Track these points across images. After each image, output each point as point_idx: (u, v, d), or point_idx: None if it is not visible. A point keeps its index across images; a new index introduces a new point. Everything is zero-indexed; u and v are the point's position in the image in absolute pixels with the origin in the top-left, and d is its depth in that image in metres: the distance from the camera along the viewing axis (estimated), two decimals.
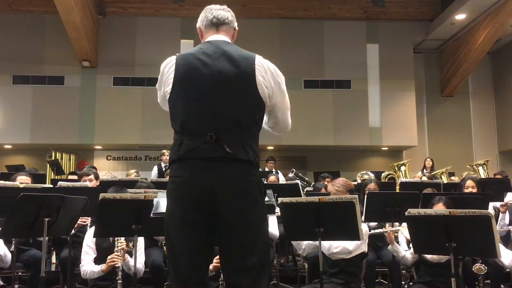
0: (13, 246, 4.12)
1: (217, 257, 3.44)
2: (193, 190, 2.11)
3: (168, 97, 2.23)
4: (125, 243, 3.61)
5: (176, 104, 2.20)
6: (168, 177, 2.36)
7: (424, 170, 10.20)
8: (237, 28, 2.38)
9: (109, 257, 3.60)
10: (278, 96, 2.27)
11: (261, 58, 2.24)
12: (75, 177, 8.08)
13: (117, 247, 3.62)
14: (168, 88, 2.21)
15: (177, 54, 2.29)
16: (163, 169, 8.80)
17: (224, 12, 2.32)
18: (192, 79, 2.16)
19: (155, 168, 9.40)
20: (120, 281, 3.47)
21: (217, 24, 2.31)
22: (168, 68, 2.25)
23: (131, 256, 3.60)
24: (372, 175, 8.78)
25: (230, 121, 2.13)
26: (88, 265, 3.70)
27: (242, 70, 2.16)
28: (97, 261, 3.73)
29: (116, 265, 3.56)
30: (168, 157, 9.74)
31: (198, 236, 2.12)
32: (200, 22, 2.36)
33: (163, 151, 9.88)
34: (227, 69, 2.15)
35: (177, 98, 2.19)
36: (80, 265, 3.77)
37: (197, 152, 2.10)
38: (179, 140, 2.16)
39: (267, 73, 2.21)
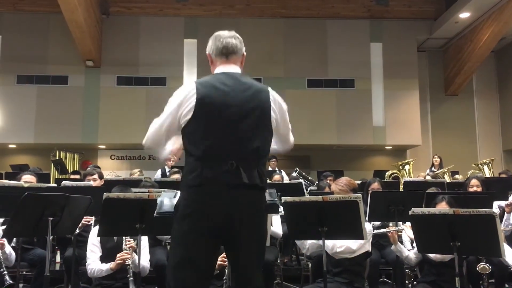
0: (14, 243, 4.13)
1: (222, 255, 3.44)
2: (211, 216, 2.22)
3: (185, 123, 2.29)
4: (134, 241, 3.61)
5: (198, 132, 2.27)
6: (172, 175, 2.44)
7: (433, 168, 10.17)
8: (245, 53, 2.48)
9: (118, 255, 3.60)
10: (281, 124, 2.45)
11: (271, 90, 2.42)
12: (78, 176, 8.12)
13: (126, 245, 3.64)
14: (188, 117, 2.27)
15: (195, 81, 2.34)
16: (167, 174, 8.77)
17: (233, 40, 2.42)
18: (215, 109, 2.26)
19: (159, 171, 9.38)
20: (131, 279, 3.47)
21: (226, 54, 2.41)
22: (189, 96, 2.29)
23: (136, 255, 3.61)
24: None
25: (250, 150, 2.28)
26: (95, 264, 3.71)
27: (259, 103, 2.33)
28: (103, 259, 3.73)
29: (126, 263, 3.57)
30: (173, 163, 9.74)
31: (209, 258, 2.30)
32: (209, 50, 2.46)
33: (169, 156, 9.83)
34: (247, 101, 2.31)
35: (199, 126, 2.27)
36: (86, 263, 3.77)
37: (218, 179, 2.22)
38: (199, 167, 2.24)
39: (277, 105, 2.40)
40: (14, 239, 4.17)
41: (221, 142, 2.25)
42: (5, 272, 3.54)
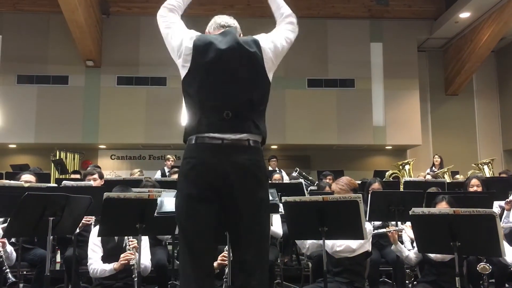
0: (13, 239, 4.13)
1: (222, 254, 3.45)
2: (209, 172, 2.27)
3: (183, 77, 2.40)
4: (136, 241, 3.61)
5: (194, 85, 2.37)
6: (172, 176, 2.46)
7: (433, 168, 10.17)
8: (241, 35, 2.60)
9: (122, 255, 3.61)
10: (278, 57, 2.56)
11: (262, 39, 2.51)
12: (78, 176, 8.12)
13: (129, 245, 3.64)
14: (184, 70, 2.38)
15: (195, 37, 2.43)
16: (167, 175, 8.80)
17: (231, 19, 2.62)
18: (209, 62, 2.35)
19: (159, 172, 9.39)
20: (136, 279, 3.47)
21: (224, 26, 2.56)
22: (187, 43, 2.41)
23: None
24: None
25: (244, 100, 2.35)
26: (98, 264, 3.71)
27: (253, 55, 2.40)
28: (104, 260, 3.73)
29: (130, 263, 3.57)
30: (172, 162, 9.71)
31: (211, 216, 2.28)
32: (209, 28, 2.61)
33: (168, 156, 9.88)
34: (240, 54, 2.38)
35: (194, 79, 2.37)
36: (88, 263, 3.77)
37: (214, 128, 2.29)
38: (197, 118, 2.33)
39: (271, 50, 2.50)
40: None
41: (216, 92, 2.33)
42: (8, 270, 3.55)
